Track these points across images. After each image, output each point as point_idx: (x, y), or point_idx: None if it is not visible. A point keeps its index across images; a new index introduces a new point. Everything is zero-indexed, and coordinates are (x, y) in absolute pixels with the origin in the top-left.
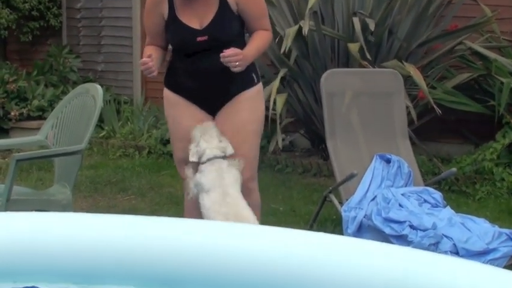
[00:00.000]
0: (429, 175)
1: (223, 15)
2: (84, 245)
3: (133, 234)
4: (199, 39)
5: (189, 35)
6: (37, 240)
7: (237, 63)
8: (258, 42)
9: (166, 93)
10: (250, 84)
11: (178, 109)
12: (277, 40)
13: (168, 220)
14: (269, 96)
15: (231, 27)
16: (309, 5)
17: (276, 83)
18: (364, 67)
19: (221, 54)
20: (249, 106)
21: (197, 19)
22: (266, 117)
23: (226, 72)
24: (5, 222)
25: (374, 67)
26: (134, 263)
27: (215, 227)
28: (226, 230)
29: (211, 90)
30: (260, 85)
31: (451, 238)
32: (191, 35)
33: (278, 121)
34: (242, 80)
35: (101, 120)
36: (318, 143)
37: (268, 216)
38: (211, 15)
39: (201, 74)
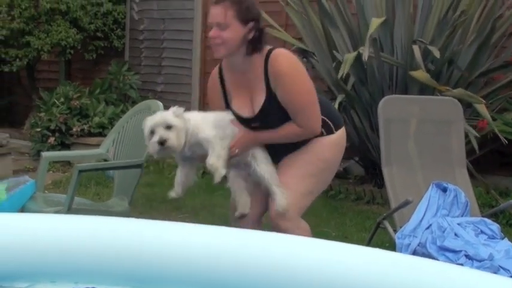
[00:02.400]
0: (486, 207)
1: (271, 101)
2: (146, 250)
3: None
4: (252, 125)
5: (242, 122)
6: (99, 243)
7: (236, 151)
8: (280, 132)
9: None
10: (318, 137)
11: None
12: (334, 65)
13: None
14: None
15: (281, 114)
16: (370, 31)
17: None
18: (440, 91)
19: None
20: (313, 149)
21: (247, 107)
22: None
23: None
24: (70, 224)
25: (436, 95)
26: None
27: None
28: (287, 243)
29: (278, 152)
30: (332, 137)
31: (508, 270)
32: (244, 123)
33: None
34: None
35: None
36: (372, 170)
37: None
38: (261, 101)
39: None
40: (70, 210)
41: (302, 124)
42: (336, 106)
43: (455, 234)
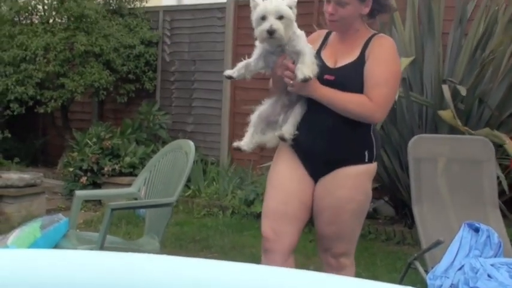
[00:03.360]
0: None
1: (357, 66)
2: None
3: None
4: (326, 76)
5: (319, 70)
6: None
7: (291, 81)
8: (347, 97)
9: None
10: (359, 160)
11: (281, 156)
12: None
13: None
14: None
15: (360, 80)
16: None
17: None
18: (462, 131)
19: (282, 60)
20: (353, 184)
21: (334, 59)
22: None
23: (339, 129)
24: (104, 260)
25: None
26: None
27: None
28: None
29: (318, 144)
30: (371, 166)
31: None
32: (321, 70)
33: None
34: (352, 151)
35: (187, 179)
36: (402, 210)
37: None
38: (348, 61)
39: (313, 121)
40: (102, 248)
41: (375, 98)
42: None
43: (489, 276)
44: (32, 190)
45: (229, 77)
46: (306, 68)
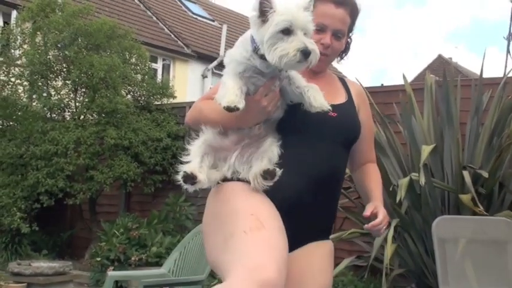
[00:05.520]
0: None
1: (351, 108)
2: None
3: None
4: (330, 114)
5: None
6: None
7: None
8: (380, 186)
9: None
10: (328, 234)
11: (248, 191)
12: (391, 188)
13: None
14: (381, 247)
15: (358, 123)
16: (422, 158)
17: (390, 233)
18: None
19: (370, 226)
20: (331, 266)
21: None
22: (378, 269)
23: (340, 183)
24: None
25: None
26: None
27: None
28: None
29: (309, 198)
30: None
31: None
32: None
33: (384, 272)
34: (331, 220)
35: None
36: None
37: None
38: (340, 100)
39: (311, 164)
40: None
41: (373, 157)
42: (391, 231)
43: None
44: (60, 278)
45: (237, 109)
46: (318, 94)
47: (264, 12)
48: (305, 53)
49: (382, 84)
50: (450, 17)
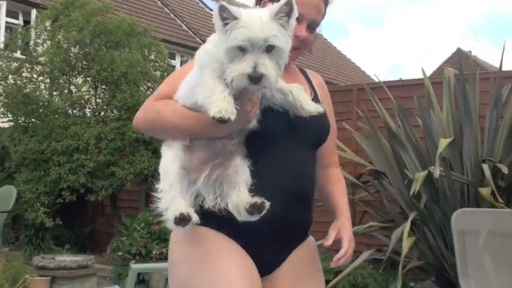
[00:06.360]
0: None
1: (318, 102)
2: None
3: None
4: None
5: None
6: None
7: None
8: (345, 196)
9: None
10: (307, 233)
11: (214, 254)
12: (406, 182)
13: None
14: (398, 240)
15: (328, 119)
16: (439, 150)
17: (407, 226)
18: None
19: (335, 261)
20: (318, 264)
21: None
22: (398, 263)
23: (311, 195)
24: None
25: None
26: None
27: None
28: None
29: (286, 213)
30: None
31: None
32: None
33: (401, 265)
34: (309, 225)
35: None
36: None
37: None
38: (309, 97)
39: (282, 184)
40: None
41: (336, 159)
42: (408, 224)
43: None
44: (83, 272)
45: (230, 120)
46: (305, 95)
47: (225, 20)
48: (252, 79)
49: (400, 79)
50: (470, 9)
